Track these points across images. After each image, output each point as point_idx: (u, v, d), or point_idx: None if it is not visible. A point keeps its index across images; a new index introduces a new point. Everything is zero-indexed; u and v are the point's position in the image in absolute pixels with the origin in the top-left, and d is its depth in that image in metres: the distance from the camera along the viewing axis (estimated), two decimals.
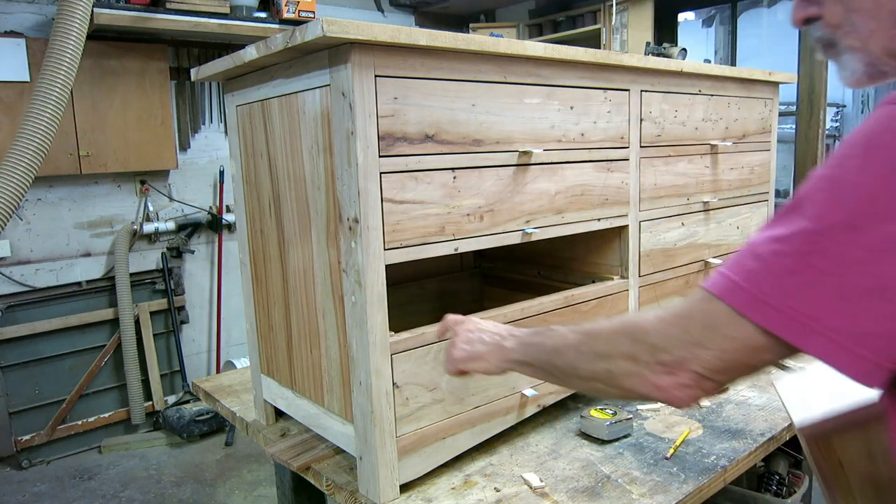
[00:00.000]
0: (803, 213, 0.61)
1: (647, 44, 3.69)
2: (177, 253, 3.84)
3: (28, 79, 3.14)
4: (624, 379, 0.72)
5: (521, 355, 0.89)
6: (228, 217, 3.96)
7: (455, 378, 1.23)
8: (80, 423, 3.54)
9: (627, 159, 1.53)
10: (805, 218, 0.60)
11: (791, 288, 0.59)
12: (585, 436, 1.38)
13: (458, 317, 1.05)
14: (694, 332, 0.66)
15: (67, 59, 2.50)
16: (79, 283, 3.55)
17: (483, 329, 0.98)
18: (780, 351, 0.62)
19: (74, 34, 2.52)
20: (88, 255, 3.57)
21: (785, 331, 0.60)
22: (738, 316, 0.62)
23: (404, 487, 1.19)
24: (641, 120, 1.55)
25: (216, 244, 4.02)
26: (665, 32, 4.18)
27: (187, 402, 3.68)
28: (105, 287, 3.62)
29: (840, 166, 0.60)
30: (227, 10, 3.44)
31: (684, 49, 3.46)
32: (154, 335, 3.76)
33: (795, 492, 1.72)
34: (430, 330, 1.19)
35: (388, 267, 1.12)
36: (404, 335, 1.16)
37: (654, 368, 0.68)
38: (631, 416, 1.40)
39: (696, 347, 0.65)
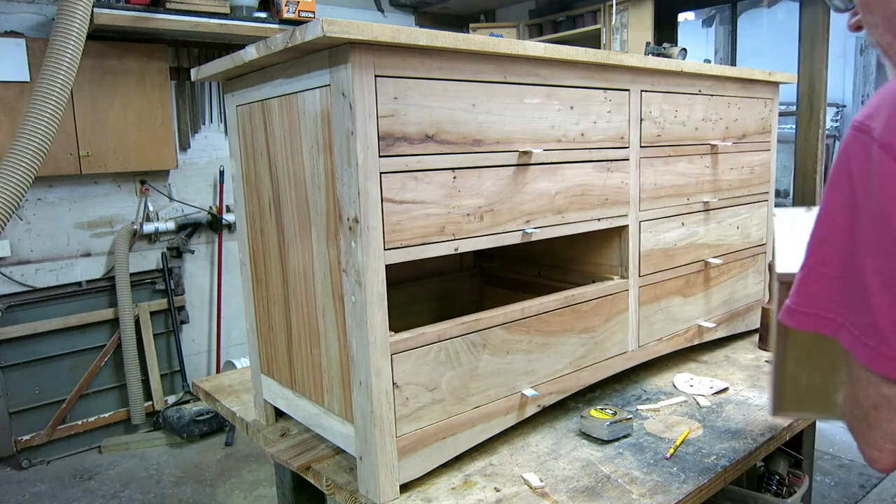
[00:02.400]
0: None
1: (647, 44, 3.69)
2: (177, 253, 3.84)
3: (28, 79, 3.14)
4: None
5: None
6: (228, 217, 3.96)
7: (455, 378, 1.24)
8: (80, 423, 3.54)
9: (627, 159, 1.53)
10: (812, 236, 0.72)
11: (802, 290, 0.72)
12: (585, 436, 1.38)
13: None
14: None
15: (67, 59, 2.50)
16: (79, 283, 3.55)
17: None
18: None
19: (74, 34, 2.52)
20: (88, 255, 3.57)
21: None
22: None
23: (404, 487, 1.19)
24: (641, 120, 1.55)
25: (216, 244, 4.02)
26: (665, 32, 4.18)
27: (187, 402, 3.68)
28: (105, 287, 3.62)
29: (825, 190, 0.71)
30: (227, 10, 3.44)
31: (684, 49, 3.46)
32: (154, 335, 3.76)
33: (795, 492, 1.72)
34: (430, 330, 1.19)
35: (388, 267, 1.12)
36: (404, 335, 1.16)
37: None
38: (631, 416, 1.40)
39: None
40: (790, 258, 1.04)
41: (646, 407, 1.52)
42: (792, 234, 1.08)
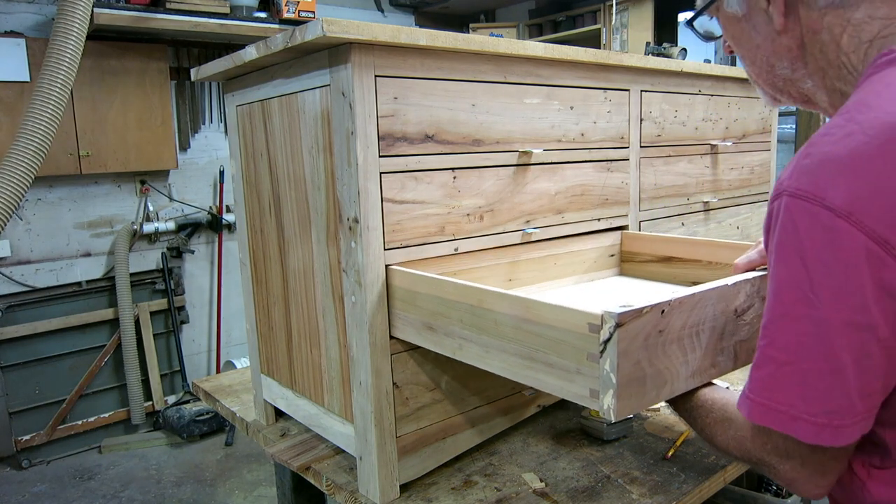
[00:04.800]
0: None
1: (647, 44, 3.69)
2: (177, 253, 3.84)
3: (28, 79, 3.14)
4: None
5: None
6: (228, 217, 3.96)
7: (455, 378, 1.24)
8: (80, 423, 3.54)
9: (627, 159, 1.53)
10: (764, 315, 0.69)
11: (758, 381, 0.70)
12: (585, 436, 1.38)
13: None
14: None
15: (67, 59, 2.50)
16: (79, 283, 3.55)
17: None
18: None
19: (74, 34, 2.52)
20: (88, 255, 3.57)
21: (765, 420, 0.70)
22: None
23: (404, 487, 1.19)
24: (641, 120, 1.55)
25: (216, 244, 4.02)
26: (665, 32, 4.18)
27: (187, 402, 3.68)
28: (105, 287, 3.62)
29: (772, 264, 0.68)
30: (227, 10, 3.44)
31: (684, 49, 3.46)
32: (154, 335, 3.76)
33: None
34: None
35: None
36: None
37: None
38: (631, 416, 1.40)
39: None
40: None
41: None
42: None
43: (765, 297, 0.99)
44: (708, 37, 0.89)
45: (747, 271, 1.01)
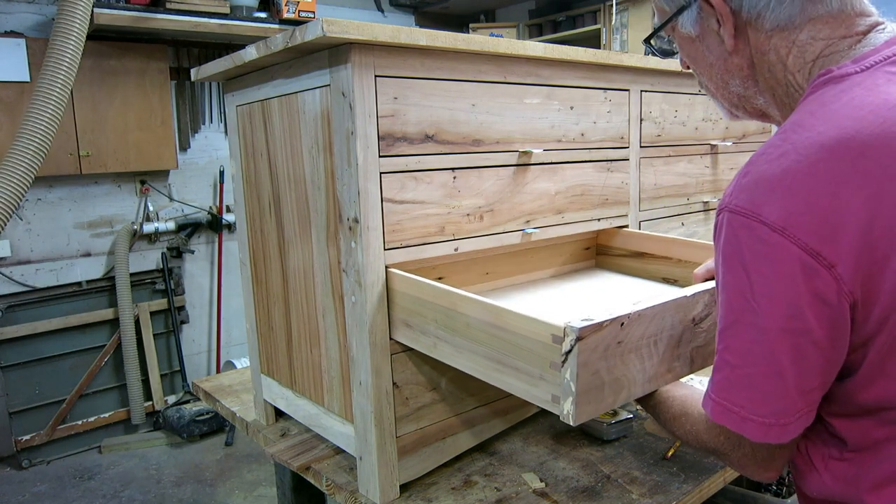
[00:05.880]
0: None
1: None
2: (177, 253, 3.84)
3: (28, 79, 3.13)
4: None
5: None
6: (228, 217, 3.96)
7: (455, 378, 1.24)
8: (80, 423, 3.54)
9: (627, 159, 1.53)
10: (719, 321, 0.74)
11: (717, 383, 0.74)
12: (585, 436, 1.38)
13: None
14: None
15: (67, 59, 2.50)
16: (79, 283, 3.55)
17: None
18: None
19: (74, 34, 2.52)
20: (88, 255, 3.57)
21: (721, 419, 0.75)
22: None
23: (404, 487, 1.19)
24: (641, 120, 1.55)
25: (216, 244, 4.01)
26: None
27: (187, 402, 3.68)
28: (105, 287, 3.62)
29: (721, 273, 0.72)
30: (227, 10, 3.44)
31: None
32: (154, 335, 3.76)
33: (795, 492, 1.72)
34: None
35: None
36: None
37: None
38: (631, 416, 1.40)
39: None
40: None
41: None
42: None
43: None
44: (665, 54, 0.94)
45: (706, 280, 1.06)
